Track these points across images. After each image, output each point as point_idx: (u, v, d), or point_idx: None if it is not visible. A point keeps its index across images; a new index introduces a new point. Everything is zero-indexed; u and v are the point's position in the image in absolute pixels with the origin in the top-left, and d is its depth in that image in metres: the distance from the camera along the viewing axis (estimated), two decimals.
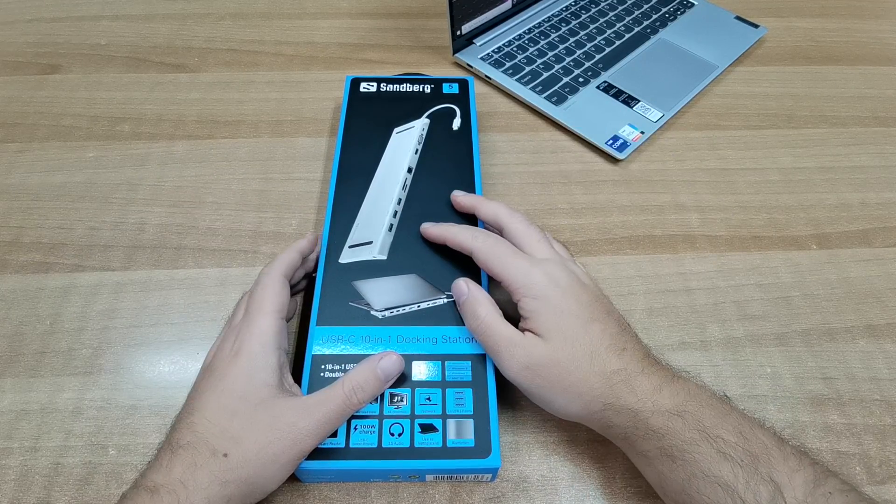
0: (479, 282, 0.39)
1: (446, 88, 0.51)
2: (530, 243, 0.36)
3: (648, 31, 0.64)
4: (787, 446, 0.29)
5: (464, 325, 0.37)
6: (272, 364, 0.32)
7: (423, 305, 0.38)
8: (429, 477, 0.34)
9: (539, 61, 0.59)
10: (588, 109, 0.55)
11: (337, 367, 0.35)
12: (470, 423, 0.33)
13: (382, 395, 0.34)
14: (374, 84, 0.51)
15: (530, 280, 0.33)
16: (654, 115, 0.55)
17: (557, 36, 0.62)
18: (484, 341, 0.34)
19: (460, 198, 0.41)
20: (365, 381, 0.32)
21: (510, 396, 0.38)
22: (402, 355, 0.35)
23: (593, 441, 0.37)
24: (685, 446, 0.29)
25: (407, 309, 0.37)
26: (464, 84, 0.51)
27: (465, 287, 0.36)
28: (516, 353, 0.32)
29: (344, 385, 0.32)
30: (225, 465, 0.29)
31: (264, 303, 0.34)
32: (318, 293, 0.38)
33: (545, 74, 0.58)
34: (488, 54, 0.60)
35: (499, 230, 0.38)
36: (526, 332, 0.33)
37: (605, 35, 0.63)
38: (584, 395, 0.31)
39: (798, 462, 0.28)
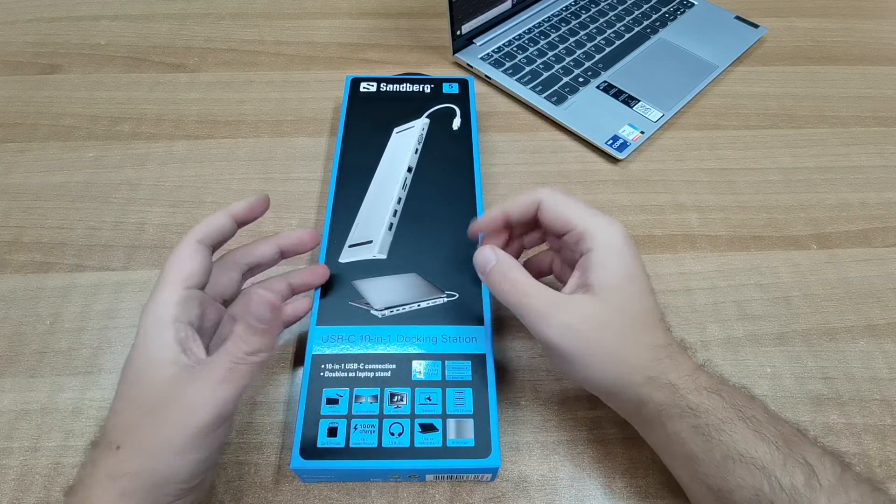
0: (478, 279, 0.39)
1: (446, 88, 0.51)
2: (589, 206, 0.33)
3: (648, 30, 0.64)
4: (807, 433, 0.29)
5: (464, 324, 0.37)
6: (167, 340, 0.28)
7: (423, 305, 0.38)
8: (429, 477, 0.34)
9: (539, 61, 0.59)
10: (588, 109, 0.55)
11: (337, 366, 0.35)
12: (470, 423, 0.33)
13: (382, 396, 0.34)
14: (374, 84, 0.51)
15: (610, 231, 0.31)
16: (654, 114, 0.55)
17: (557, 36, 0.62)
18: (522, 304, 0.31)
19: (486, 218, 0.36)
20: (243, 333, 0.27)
21: (510, 396, 0.38)
22: (402, 355, 0.35)
23: (593, 441, 0.37)
24: (721, 425, 0.28)
25: (407, 308, 0.37)
26: (464, 84, 0.51)
27: (491, 253, 0.33)
28: (561, 312, 0.30)
29: (228, 343, 0.28)
30: (116, 459, 0.26)
31: (167, 273, 0.30)
32: (317, 293, 0.38)
33: (545, 74, 0.58)
34: (488, 54, 0.60)
35: (532, 215, 0.34)
36: (574, 294, 0.31)
37: (605, 35, 0.63)
38: (626, 363, 0.30)
39: (821, 448, 0.28)
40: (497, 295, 0.32)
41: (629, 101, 0.56)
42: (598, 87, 0.57)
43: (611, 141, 0.52)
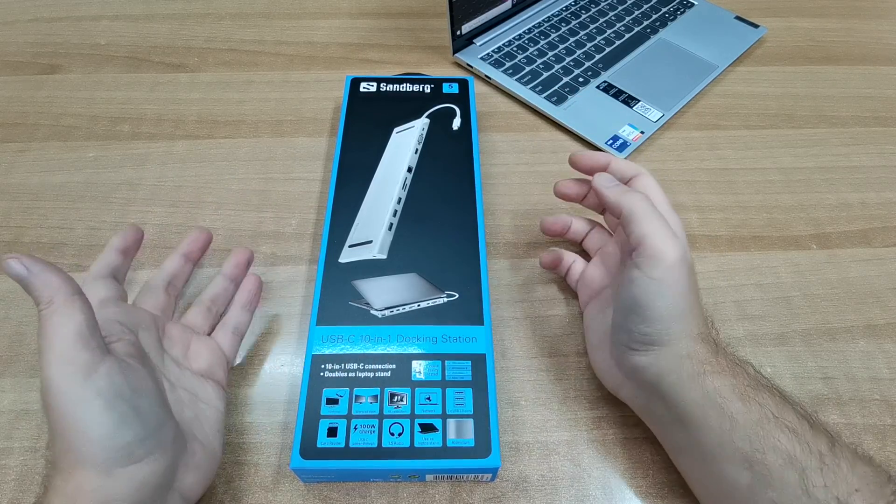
0: (480, 279, 0.39)
1: (446, 88, 0.51)
2: (664, 212, 0.35)
3: (648, 30, 0.64)
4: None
5: (464, 324, 0.37)
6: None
7: (423, 304, 0.38)
8: (429, 477, 0.34)
9: (539, 61, 0.59)
10: (588, 109, 0.55)
11: (337, 366, 0.35)
12: (470, 423, 0.33)
13: (382, 396, 0.34)
14: (374, 84, 0.51)
15: (675, 217, 0.34)
16: (654, 114, 0.55)
17: (557, 36, 0.62)
18: (650, 218, 0.32)
19: (586, 158, 0.38)
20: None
21: (510, 396, 0.38)
22: (402, 355, 0.35)
23: (593, 441, 0.37)
24: (754, 390, 0.30)
25: (407, 308, 0.37)
26: (464, 84, 0.51)
27: (611, 176, 0.35)
28: (680, 243, 0.32)
29: None
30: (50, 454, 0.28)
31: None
32: (317, 293, 0.38)
33: (545, 74, 0.58)
34: (488, 54, 0.60)
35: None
36: None
37: (605, 35, 0.63)
38: (694, 314, 0.32)
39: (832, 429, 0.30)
40: (624, 201, 0.33)
41: (629, 101, 0.56)
42: (598, 87, 0.57)
43: (611, 141, 0.52)
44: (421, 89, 0.51)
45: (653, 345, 0.32)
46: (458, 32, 0.59)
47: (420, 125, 0.48)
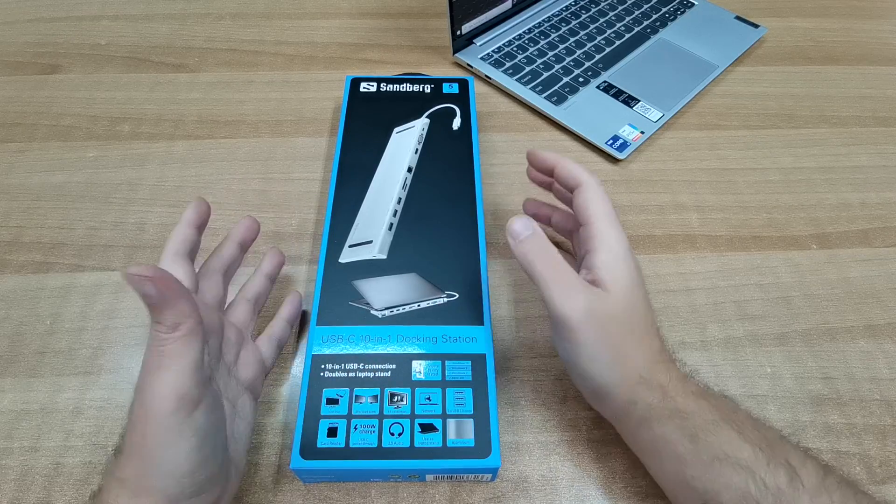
0: (480, 279, 0.39)
1: (446, 88, 0.51)
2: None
3: (648, 30, 0.64)
4: (790, 440, 0.30)
5: (464, 324, 0.37)
6: None
7: (423, 304, 0.38)
8: (429, 477, 0.34)
9: (539, 61, 0.59)
10: (588, 109, 0.55)
11: (337, 366, 0.35)
12: (470, 423, 0.33)
13: (382, 396, 0.34)
14: (374, 84, 0.51)
15: (619, 240, 0.33)
16: (654, 114, 0.55)
17: (557, 36, 0.62)
18: (550, 277, 0.31)
19: (539, 155, 0.38)
20: (150, 313, 0.27)
21: (510, 396, 0.38)
22: (402, 355, 0.35)
23: (593, 441, 0.37)
24: (708, 427, 0.29)
25: (407, 308, 0.37)
26: (464, 84, 0.51)
27: (529, 223, 0.32)
28: (586, 295, 0.30)
29: None
30: (118, 463, 0.27)
31: None
32: (317, 293, 0.38)
33: (545, 74, 0.58)
34: (488, 54, 0.60)
35: (569, 193, 0.36)
36: (589, 284, 0.32)
37: (606, 35, 0.63)
38: (629, 360, 0.31)
39: (804, 453, 0.29)
40: (526, 263, 0.32)
41: (629, 101, 0.56)
42: (598, 87, 0.57)
43: (611, 141, 0.52)
44: (421, 89, 0.51)
45: (597, 396, 0.33)
46: (458, 32, 0.59)
47: (420, 125, 0.48)
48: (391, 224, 0.42)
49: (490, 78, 0.58)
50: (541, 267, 0.31)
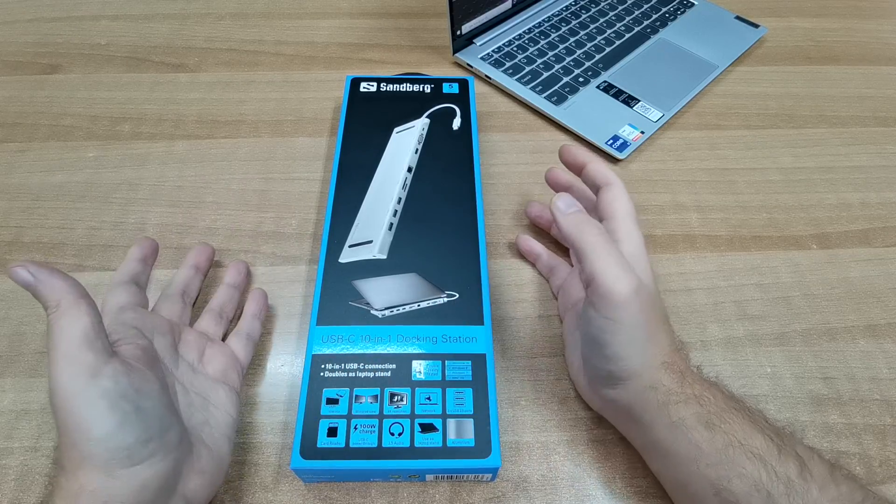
0: (480, 279, 0.39)
1: (446, 88, 0.51)
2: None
3: (648, 30, 0.64)
4: (794, 432, 0.31)
5: (464, 324, 0.37)
6: None
7: (423, 304, 0.38)
8: (429, 477, 0.34)
9: (539, 61, 0.59)
10: (588, 109, 0.55)
11: (337, 366, 0.35)
12: (470, 423, 0.33)
13: (382, 396, 0.34)
14: (374, 84, 0.51)
15: (640, 238, 0.34)
16: (654, 114, 0.55)
17: (557, 36, 0.62)
18: (602, 251, 0.31)
19: (573, 150, 0.37)
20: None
21: (510, 396, 0.38)
22: (403, 355, 0.35)
23: (593, 441, 0.37)
24: (722, 414, 0.30)
25: (407, 308, 0.37)
26: (464, 84, 0.51)
27: (573, 201, 0.33)
28: (633, 275, 0.31)
29: None
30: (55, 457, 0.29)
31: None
32: (317, 293, 0.38)
33: (545, 74, 0.58)
34: (488, 54, 0.60)
35: (593, 195, 0.37)
36: None
37: (606, 35, 0.63)
38: (657, 345, 0.32)
39: (810, 448, 0.29)
40: (577, 233, 0.32)
41: (629, 101, 0.56)
42: (598, 87, 0.57)
43: (611, 141, 0.52)
44: (421, 89, 0.51)
45: (619, 380, 0.32)
46: (458, 32, 0.59)
47: (420, 125, 0.48)
48: (391, 224, 0.42)
49: (490, 78, 0.58)
50: (592, 238, 0.31)
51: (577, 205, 0.33)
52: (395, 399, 0.34)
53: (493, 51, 0.60)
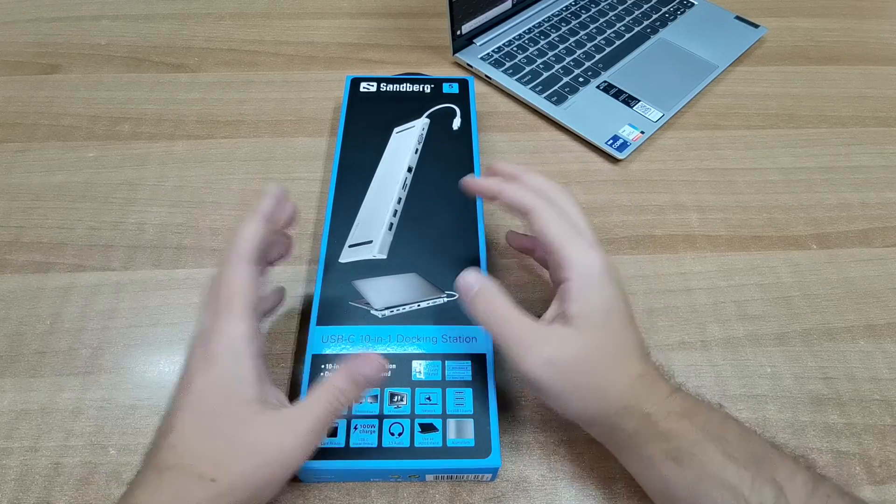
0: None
1: (446, 88, 0.51)
2: (579, 225, 0.33)
3: (648, 30, 0.64)
4: (783, 449, 0.29)
5: (464, 324, 0.37)
6: (249, 377, 0.28)
7: (423, 304, 0.38)
8: (429, 477, 0.34)
9: (539, 61, 0.59)
10: (588, 109, 0.55)
11: (337, 366, 0.35)
12: (470, 423, 0.33)
13: (382, 396, 0.34)
14: (374, 84, 0.51)
15: (588, 261, 0.31)
16: (654, 114, 0.55)
17: (557, 36, 0.62)
18: (503, 335, 0.30)
19: (473, 183, 0.36)
20: (345, 386, 0.29)
21: (510, 396, 0.38)
22: (403, 355, 0.35)
23: (593, 441, 0.36)
24: (692, 448, 0.28)
25: (407, 308, 0.37)
26: (464, 84, 0.51)
27: (474, 278, 0.32)
28: (543, 347, 0.30)
29: (326, 392, 0.29)
30: (214, 491, 0.26)
31: (232, 303, 0.29)
32: (317, 293, 0.38)
33: (545, 74, 0.58)
34: (488, 54, 0.60)
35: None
36: (553, 324, 0.31)
37: (605, 35, 0.63)
38: (606, 396, 0.30)
39: (795, 464, 0.28)
40: (483, 324, 0.32)
41: (629, 101, 0.56)
42: (598, 86, 0.57)
43: (611, 141, 0.52)
44: (421, 89, 0.51)
45: (581, 425, 0.32)
46: (458, 32, 0.59)
47: (420, 125, 0.48)
48: (391, 224, 0.42)
49: (490, 78, 0.58)
50: (496, 327, 0.31)
51: (479, 280, 0.32)
52: (395, 399, 0.34)
53: (493, 51, 0.60)
